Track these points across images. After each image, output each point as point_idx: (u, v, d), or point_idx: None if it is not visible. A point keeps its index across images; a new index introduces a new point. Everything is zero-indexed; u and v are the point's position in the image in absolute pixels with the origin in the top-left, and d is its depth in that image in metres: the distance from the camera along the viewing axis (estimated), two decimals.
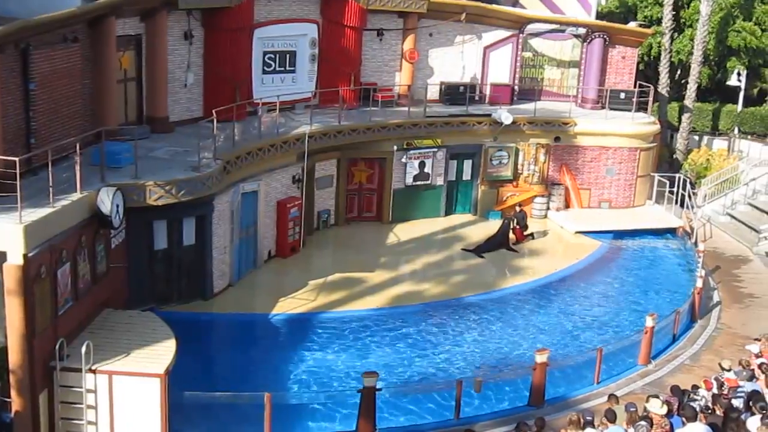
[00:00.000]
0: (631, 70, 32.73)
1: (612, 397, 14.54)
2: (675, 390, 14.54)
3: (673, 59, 37.96)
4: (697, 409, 12.83)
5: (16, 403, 14.14)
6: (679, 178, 31.25)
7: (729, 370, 15.35)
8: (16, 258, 13.68)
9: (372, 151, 27.28)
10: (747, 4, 38.51)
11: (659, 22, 37.95)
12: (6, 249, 13.71)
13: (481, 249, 26.24)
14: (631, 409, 13.04)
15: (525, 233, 27.40)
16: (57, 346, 14.50)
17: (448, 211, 29.29)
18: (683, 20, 38.94)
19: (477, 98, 30.80)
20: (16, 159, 14.06)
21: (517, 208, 27.84)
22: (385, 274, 23.61)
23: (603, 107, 31.36)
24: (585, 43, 31.95)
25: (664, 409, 12.66)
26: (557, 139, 29.74)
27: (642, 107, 31.58)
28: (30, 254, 13.84)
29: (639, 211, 30.73)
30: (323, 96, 27.41)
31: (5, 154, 15.07)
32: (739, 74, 39.29)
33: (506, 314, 22.01)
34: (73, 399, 14.67)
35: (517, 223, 27.17)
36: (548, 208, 29.91)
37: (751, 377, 14.85)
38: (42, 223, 14.29)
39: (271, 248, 24.08)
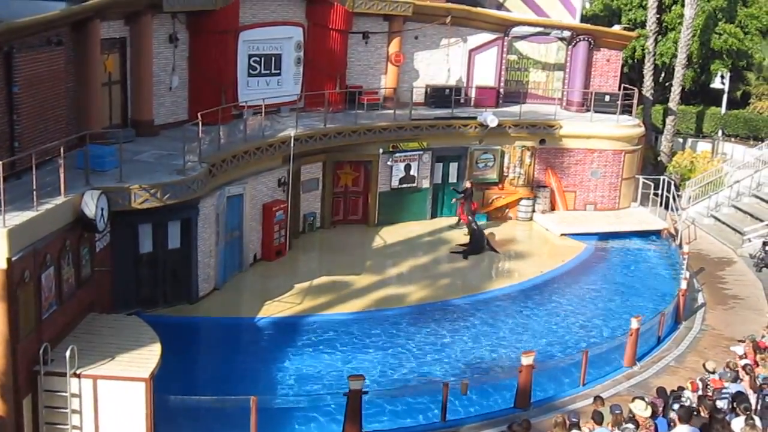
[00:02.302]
0: (616, 73, 32.86)
1: (597, 398, 14.59)
2: (661, 392, 14.59)
3: (657, 62, 38.19)
4: (677, 409, 12.88)
5: None
6: (664, 180, 31.40)
7: (713, 372, 15.43)
8: None
9: (358, 153, 27.28)
10: (730, 8, 38.79)
11: (643, 25, 38.17)
12: None
13: (467, 252, 26.27)
14: (617, 411, 13.07)
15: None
16: (41, 351, 14.41)
17: (434, 214, 29.31)
18: (666, 23, 39.16)
19: (462, 101, 30.84)
20: (0, 163, 13.97)
21: (467, 184, 27.99)
22: (371, 277, 23.61)
23: (588, 110, 31.44)
24: (570, 46, 32.05)
25: (649, 411, 12.70)
26: (543, 141, 29.84)
27: (626, 110, 31.71)
28: (14, 258, 13.74)
29: (624, 214, 30.84)
30: (309, 99, 27.37)
31: None
32: (722, 77, 39.61)
33: (492, 317, 22.03)
34: (57, 404, 14.59)
35: (465, 199, 27.44)
36: (534, 211, 30.00)
37: (736, 378, 14.93)
38: (26, 226, 14.21)
39: (256, 251, 24.03)
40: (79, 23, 19.28)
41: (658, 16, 37.38)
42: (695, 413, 13.07)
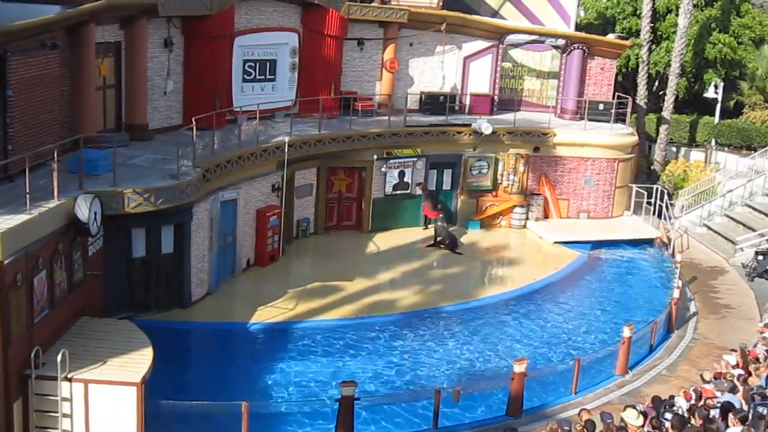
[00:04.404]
0: (610, 82, 32.98)
1: (583, 411, 14.50)
2: (656, 401, 14.54)
3: (650, 71, 38.30)
4: (670, 418, 12.86)
5: None
6: (657, 189, 31.49)
7: (709, 382, 15.42)
8: None
9: (352, 160, 27.30)
10: (723, 17, 38.95)
11: (637, 34, 38.28)
12: None
13: (451, 248, 26.95)
14: (608, 420, 13.04)
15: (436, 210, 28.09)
16: (32, 354, 14.35)
17: (428, 221, 29.31)
18: (661, 32, 39.30)
19: (457, 108, 30.92)
20: None
21: (421, 189, 28.54)
22: (364, 283, 23.59)
23: (582, 118, 31.52)
24: (564, 54, 32.15)
25: (640, 420, 12.68)
26: (536, 149, 29.90)
27: (620, 118, 31.80)
28: (6, 261, 13.68)
29: (617, 222, 30.92)
30: (303, 105, 27.41)
31: None
32: (716, 86, 39.74)
33: (485, 324, 22.04)
34: (48, 408, 14.52)
35: (433, 203, 28.01)
36: (527, 218, 30.04)
37: (733, 388, 14.88)
38: (18, 230, 14.15)
39: (249, 257, 24.01)
40: (74, 27, 19.27)
41: (652, 25, 37.49)
42: (688, 423, 13.08)
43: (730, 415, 12.91)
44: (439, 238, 27.29)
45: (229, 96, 25.49)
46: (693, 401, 14.46)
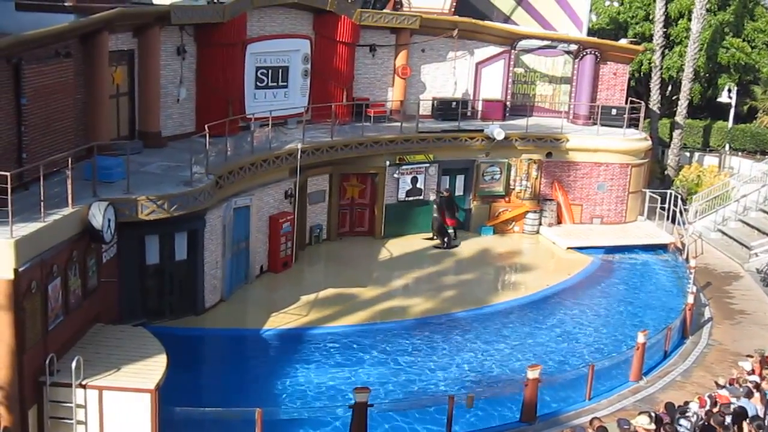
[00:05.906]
0: (623, 87, 32.90)
1: (595, 418, 14.43)
2: (669, 407, 14.49)
3: (663, 76, 38.24)
4: (689, 426, 12.81)
5: (4, 418, 14.05)
6: (671, 194, 31.37)
7: (723, 387, 15.35)
8: (6, 273, 13.62)
9: (364, 166, 27.32)
10: (736, 22, 38.84)
11: (650, 38, 38.22)
12: None
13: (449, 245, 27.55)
14: (624, 427, 12.98)
15: (452, 218, 28.07)
16: (47, 361, 14.42)
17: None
18: (673, 37, 39.21)
19: (469, 114, 30.92)
20: (8, 174, 14.02)
21: (444, 192, 28.33)
22: (377, 289, 23.59)
23: (594, 123, 31.48)
24: (576, 60, 32.09)
25: (653, 426, 12.63)
26: (549, 154, 29.85)
27: (633, 123, 31.72)
28: (21, 269, 13.78)
29: (630, 227, 30.81)
30: (316, 111, 27.45)
31: None
32: (729, 91, 39.59)
33: (498, 330, 21.99)
34: (62, 414, 14.59)
35: (447, 208, 27.86)
36: (540, 224, 29.98)
37: (749, 394, 14.81)
38: (33, 237, 14.25)
39: (263, 263, 24.04)
40: (88, 35, 19.39)
41: (664, 29, 37.46)
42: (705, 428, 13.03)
43: (746, 422, 12.86)
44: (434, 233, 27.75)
45: (241, 103, 25.55)
46: (708, 407, 14.40)
